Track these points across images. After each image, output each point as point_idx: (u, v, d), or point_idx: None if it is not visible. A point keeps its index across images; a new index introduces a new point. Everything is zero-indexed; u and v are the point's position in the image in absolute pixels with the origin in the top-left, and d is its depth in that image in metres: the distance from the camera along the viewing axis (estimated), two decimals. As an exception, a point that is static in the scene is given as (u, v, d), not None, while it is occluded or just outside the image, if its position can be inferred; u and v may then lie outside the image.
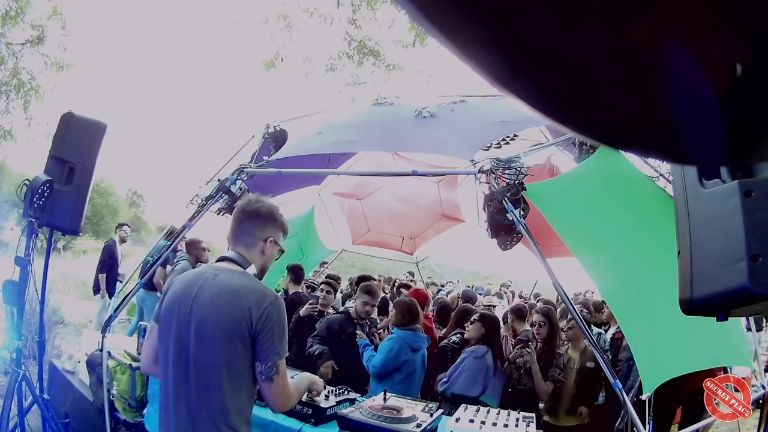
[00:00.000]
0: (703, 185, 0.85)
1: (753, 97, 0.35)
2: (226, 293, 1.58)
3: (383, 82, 8.55)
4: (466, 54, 0.31)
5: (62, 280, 9.29)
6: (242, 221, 1.73)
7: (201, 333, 1.56)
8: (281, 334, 1.59)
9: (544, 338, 3.41)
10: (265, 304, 1.56)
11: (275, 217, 1.76)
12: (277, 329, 1.57)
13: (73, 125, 2.80)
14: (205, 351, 1.55)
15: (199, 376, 1.55)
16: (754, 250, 0.75)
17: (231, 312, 1.55)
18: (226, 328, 1.54)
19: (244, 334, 1.54)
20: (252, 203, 1.74)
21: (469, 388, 3.03)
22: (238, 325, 1.54)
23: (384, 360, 3.19)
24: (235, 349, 1.54)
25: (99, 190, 19.37)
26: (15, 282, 2.71)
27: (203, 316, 1.57)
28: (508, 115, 3.30)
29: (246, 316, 1.54)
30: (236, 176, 3.28)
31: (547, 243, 3.76)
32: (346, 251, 8.25)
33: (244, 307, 1.54)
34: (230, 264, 1.69)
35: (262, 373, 1.56)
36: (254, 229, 1.72)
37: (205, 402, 1.54)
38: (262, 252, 1.72)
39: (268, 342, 1.55)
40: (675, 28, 0.30)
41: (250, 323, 1.54)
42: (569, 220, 2.92)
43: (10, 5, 8.04)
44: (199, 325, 1.56)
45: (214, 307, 1.57)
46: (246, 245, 1.72)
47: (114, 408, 3.11)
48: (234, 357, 1.55)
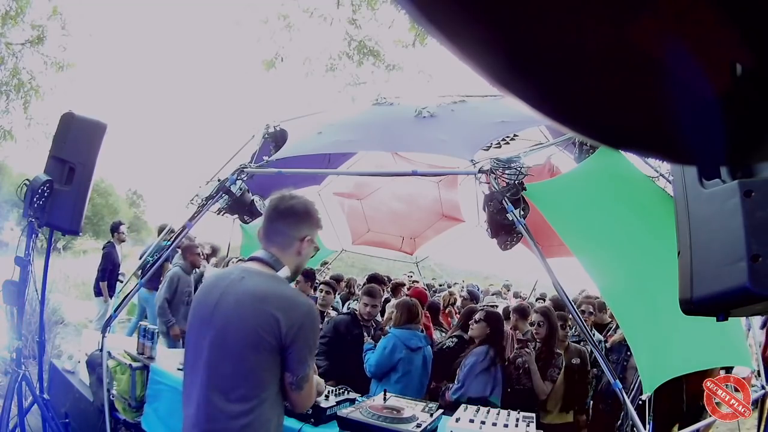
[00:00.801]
0: (703, 185, 0.85)
1: (753, 97, 0.35)
2: (252, 299, 1.44)
3: (383, 82, 8.56)
4: (466, 54, 0.31)
5: (62, 280, 9.29)
6: (275, 220, 1.59)
7: (221, 341, 1.44)
8: (313, 345, 1.50)
9: (543, 338, 3.42)
10: (298, 314, 1.43)
11: (311, 213, 1.63)
12: (309, 340, 1.46)
13: (73, 125, 2.80)
14: (226, 361, 1.43)
15: (216, 387, 1.43)
16: (754, 250, 0.75)
17: (257, 321, 1.41)
18: (252, 340, 1.41)
19: (272, 345, 1.41)
20: (286, 200, 1.60)
21: (484, 391, 3.03)
22: (266, 336, 1.40)
23: (378, 359, 3.19)
24: (261, 361, 1.42)
25: (99, 190, 19.38)
26: (15, 282, 2.71)
27: (225, 323, 1.44)
28: (508, 115, 3.30)
29: (274, 325, 1.40)
30: (236, 176, 3.28)
31: (547, 243, 3.76)
32: (346, 251, 8.26)
33: (272, 316, 1.41)
34: (261, 265, 1.55)
35: (293, 384, 1.46)
36: (289, 228, 1.58)
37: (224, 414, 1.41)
38: (298, 252, 1.59)
39: (300, 353, 1.43)
40: (675, 28, 0.30)
41: (279, 333, 1.41)
42: (569, 220, 2.92)
43: (10, 5, 8.04)
44: (220, 332, 1.44)
45: (237, 314, 1.44)
46: (280, 245, 1.58)
47: (114, 408, 3.11)
48: (259, 369, 1.43)
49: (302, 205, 1.61)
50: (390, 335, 3.29)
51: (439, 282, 9.62)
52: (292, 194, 1.64)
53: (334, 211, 7.46)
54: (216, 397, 1.43)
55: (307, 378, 1.47)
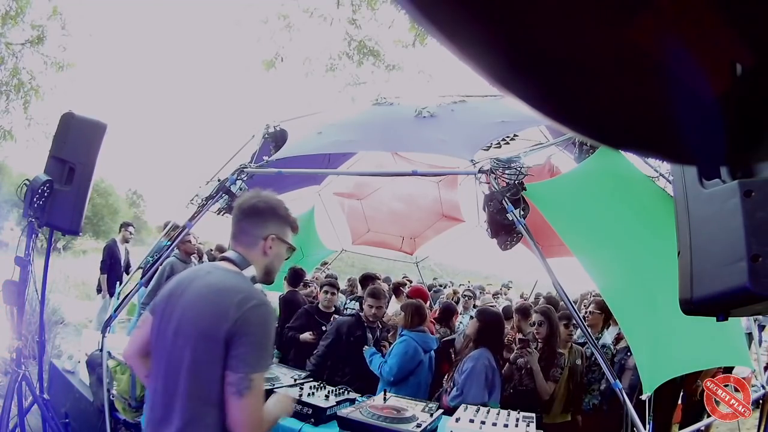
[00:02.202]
0: (703, 185, 0.85)
1: (753, 97, 0.35)
2: (211, 292, 1.44)
3: (383, 82, 8.57)
4: (466, 54, 0.31)
5: (62, 280, 9.28)
6: (239, 220, 1.59)
7: (178, 331, 1.43)
8: (261, 346, 1.39)
9: (544, 337, 3.41)
10: (248, 306, 1.38)
11: (277, 212, 1.60)
12: (256, 337, 1.38)
13: (73, 125, 2.80)
14: (178, 351, 1.41)
15: (169, 378, 1.42)
16: (754, 250, 0.75)
17: (211, 310, 1.40)
18: (202, 328, 1.39)
19: (219, 336, 1.35)
20: (250, 199, 1.59)
21: (482, 397, 2.98)
22: (215, 325, 1.37)
23: (400, 364, 3.14)
24: (208, 351, 1.37)
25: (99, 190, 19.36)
26: (15, 282, 2.71)
27: (183, 314, 1.44)
28: (508, 115, 3.30)
29: (224, 316, 1.37)
30: (236, 176, 3.28)
31: (547, 243, 3.76)
32: (346, 251, 8.26)
33: (225, 307, 1.38)
34: (228, 264, 1.55)
35: (232, 385, 1.34)
36: (252, 228, 1.57)
37: (172, 408, 1.40)
38: (264, 252, 1.57)
39: (242, 348, 1.35)
40: (674, 28, 0.30)
41: (226, 324, 1.36)
42: (569, 220, 2.92)
43: (10, 5, 8.05)
44: (179, 323, 1.44)
45: (196, 306, 1.43)
46: (245, 245, 1.57)
47: (114, 408, 3.11)
48: (204, 360, 1.37)
49: (265, 203, 1.59)
50: (407, 338, 3.25)
51: (439, 282, 9.62)
52: (258, 193, 1.62)
53: (334, 211, 7.46)
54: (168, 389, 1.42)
55: (249, 383, 1.34)
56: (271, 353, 1.49)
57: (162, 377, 1.46)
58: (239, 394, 1.34)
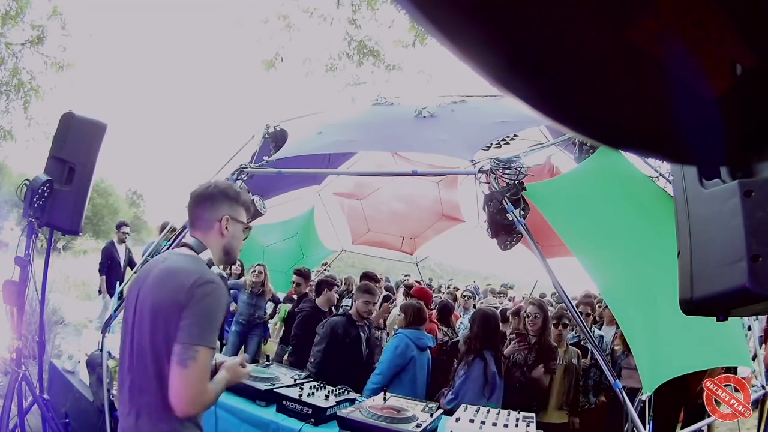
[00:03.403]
0: (703, 185, 0.85)
1: (753, 97, 0.35)
2: (167, 275, 1.51)
3: (383, 82, 8.56)
4: (466, 54, 0.31)
5: (62, 280, 9.29)
6: (194, 207, 1.67)
7: (141, 317, 1.48)
8: (207, 320, 1.43)
9: (537, 329, 3.41)
10: (199, 283, 1.44)
11: (227, 194, 1.68)
12: (204, 312, 1.43)
13: (73, 125, 2.80)
14: (143, 335, 1.45)
15: (137, 363, 1.46)
16: (754, 250, 0.75)
17: (167, 293, 1.46)
18: (161, 309, 1.44)
19: (173, 318, 1.42)
20: (202, 187, 1.69)
21: (478, 400, 2.97)
22: (172, 306, 1.43)
23: (390, 358, 3.14)
24: (169, 331, 1.42)
25: (99, 190, 19.37)
26: (15, 282, 2.71)
27: (143, 300, 1.50)
28: (508, 115, 3.30)
29: (178, 296, 1.43)
30: (236, 176, 3.28)
31: (547, 243, 3.76)
32: (346, 251, 8.25)
33: (178, 287, 1.45)
34: (186, 249, 1.63)
35: (176, 354, 1.37)
36: (205, 212, 1.65)
37: (144, 391, 1.44)
38: (220, 233, 1.65)
39: (190, 320, 1.40)
40: (675, 28, 0.30)
41: (180, 304, 1.42)
42: (569, 220, 2.92)
43: (10, 5, 8.05)
44: (139, 309, 1.50)
45: (154, 290, 1.49)
46: (202, 230, 1.66)
47: (114, 408, 3.11)
48: (160, 341, 1.43)
49: (215, 187, 1.68)
50: (400, 335, 3.26)
51: (439, 282, 9.62)
52: (210, 182, 1.72)
53: (334, 211, 7.46)
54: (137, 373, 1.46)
55: (194, 354, 1.37)
56: (217, 332, 1.51)
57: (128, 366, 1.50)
58: (182, 365, 1.37)
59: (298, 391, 2.56)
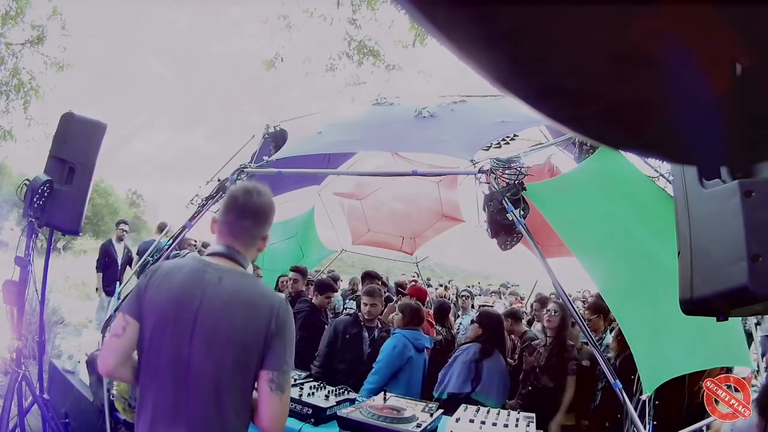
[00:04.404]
0: (703, 185, 0.85)
1: (753, 97, 0.35)
2: (240, 302, 1.44)
3: (383, 82, 8.56)
4: (466, 54, 0.31)
5: (62, 280, 9.28)
6: (241, 218, 1.53)
7: (210, 345, 1.40)
8: (293, 346, 1.46)
9: (555, 327, 3.39)
10: (283, 308, 1.47)
11: (274, 212, 1.63)
12: (292, 337, 1.46)
13: (73, 125, 2.80)
14: (212, 363, 1.40)
15: (203, 392, 1.39)
16: (754, 250, 0.75)
17: (250, 324, 1.42)
18: (244, 342, 1.40)
19: (260, 346, 1.41)
20: (253, 196, 1.54)
21: (463, 386, 3.00)
22: (256, 337, 1.41)
23: (387, 359, 3.14)
24: (250, 363, 1.41)
25: (99, 190, 19.38)
26: (15, 282, 2.71)
27: (214, 326, 1.41)
28: (508, 115, 3.30)
29: (263, 325, 1.42)
30: (236, 176, 3.28)
31: (547, 243, 3.76)
32: (346, 251, 8.25)
33: (262, 318, 1.43)
34: (229, 262, 1.51)
35: (274, 381, 1.38)
36: (254, 227, 1.55)
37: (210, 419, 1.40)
38: (258, 249, 1.61)
39: (282, 347, 1.42)
40: (675, 28, 0.30)
41: (266, 332, 1.41)
42: (569, 220, 2.92)
43: (10, 5, 8.05)
44: (208, 336, 1.41)
45: (228, 317, 1.42)
46: (243, 243, 1.55)
47: (114, 408, 3.11)
48: (249, 371, 1.42)
49: (269, 204, 1.59)
50: (397, 335, 3.26)
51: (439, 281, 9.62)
52: (258, 189, 1.57)
53: (334, 211, 7.46)
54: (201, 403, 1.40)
55: (287, 379, 1.40)
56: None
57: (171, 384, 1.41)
58: (281, 390, 1.39)
59: (298, 391, 2.56)
